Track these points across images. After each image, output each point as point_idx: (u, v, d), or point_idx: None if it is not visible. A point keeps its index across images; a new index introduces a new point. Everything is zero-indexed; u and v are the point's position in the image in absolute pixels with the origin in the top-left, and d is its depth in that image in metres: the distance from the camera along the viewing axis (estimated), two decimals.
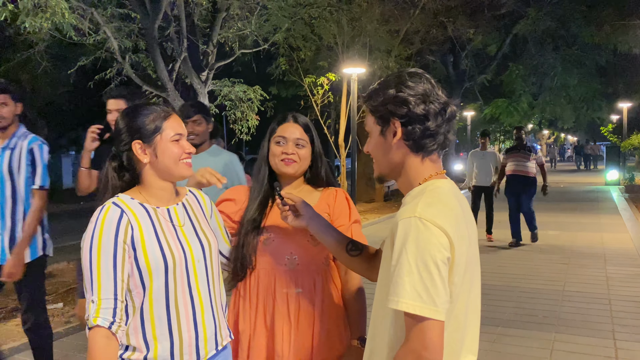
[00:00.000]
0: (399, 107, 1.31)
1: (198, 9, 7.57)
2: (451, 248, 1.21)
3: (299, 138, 1.85)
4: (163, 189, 1.61)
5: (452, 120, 1.35)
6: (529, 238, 8.24)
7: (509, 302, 5.26)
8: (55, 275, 7.22)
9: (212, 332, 1.61)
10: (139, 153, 1.55)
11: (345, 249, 1.64)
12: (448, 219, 1.23)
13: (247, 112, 9.03)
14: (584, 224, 10.26)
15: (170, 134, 1.58)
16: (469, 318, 1.33)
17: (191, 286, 1.57)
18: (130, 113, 1.59)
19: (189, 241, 1.59)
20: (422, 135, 1.31)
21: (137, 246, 1.49)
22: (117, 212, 1.49)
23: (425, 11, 13.76)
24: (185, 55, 7.06)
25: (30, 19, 5.62)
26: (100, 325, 1.41)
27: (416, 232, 1.19)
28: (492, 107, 21.57)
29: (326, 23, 10.57)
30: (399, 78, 1.34)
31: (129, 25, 7.39)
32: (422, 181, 1.35)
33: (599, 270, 6.53)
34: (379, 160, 1.42)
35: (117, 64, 7.49)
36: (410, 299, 1.16)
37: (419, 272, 1.17)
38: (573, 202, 14.39)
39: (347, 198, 1.95)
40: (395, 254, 1.21)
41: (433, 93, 1.33)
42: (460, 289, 1.26)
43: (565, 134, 49.85)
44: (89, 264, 1.44)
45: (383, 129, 1.36)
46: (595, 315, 4.86)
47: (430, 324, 1.16)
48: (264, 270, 1.81)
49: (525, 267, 6.79)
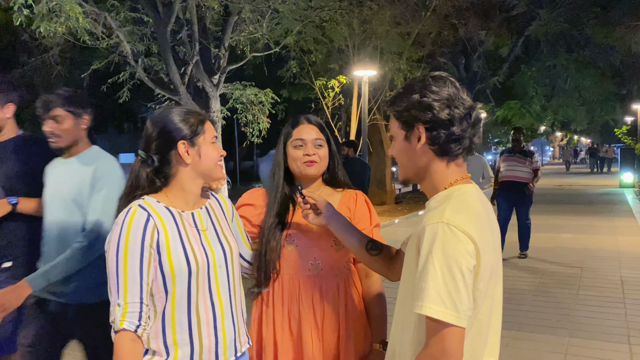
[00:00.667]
0: (423, 112, 1.30)
1: (210, 12, 7.62)
2: (477, 255, 1.21)
3: (316, 138, 1.85)
4: (193, 192, 1.61)
5: (477, 124, 1.34)
6: (516, 252, 7.51)
7: (522, 306, 5.21)
8: None
9: (231, 338, 1.61)
10: (183, 153, 1.55)
11: (365, 248, 1.64)
12: (475, 226, 1.23)
13: (259, 115, 9.06)
14: (598, 226, 10.15)
15: (210, 136, 1.60)
16: (492, 322, 1.33)
17: (212, 291, 1.57)
18: (169, 115, 1.58)
19: (211, 246, 1.59)
20: (447, 140, 1.30)
21: (162, 250, 1.48)
22: (144, 215, 1.49)
23: (437, 13, 13.72)
24: (197, 59, 7.11)
25: (45, 24, 5.69)
26: (126, 329, 1.41)
27: (443, 237, 1.19)
28: (504, 109, 21.42)
29: (337, 26, 10.58)
30: (423, 82, 1.33)
31: (141, 29, 7.45)
32: (448, 186, 1.35)
33: (613, 273, 6.45)
34: (403, 165, 1.41)
35: (130, 68, 7.55)
36: (434, 303, 1.16)
37: (444, 278, 1.17)
38: (587, 204, 14.24)
39: (367, 201, 1.95)
40: (422, 259, 1.21)
41: (458, 97, 1.31)
42: (485, 294, 1.26)
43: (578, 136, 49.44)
44: (115, 267, 1.44)
45: (407, 134, 1.35)
46: (610, 320, 4.80)
47: (451, 331, 1.16)
48: (287, 275, 1.81)
49: (537, 270, 6.72)
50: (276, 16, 8.09)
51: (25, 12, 5.40)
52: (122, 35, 6.68)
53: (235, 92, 8.88)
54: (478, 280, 1.22)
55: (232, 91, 8.86)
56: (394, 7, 12.10)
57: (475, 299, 1.22)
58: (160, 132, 1.56)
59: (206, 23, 7.72)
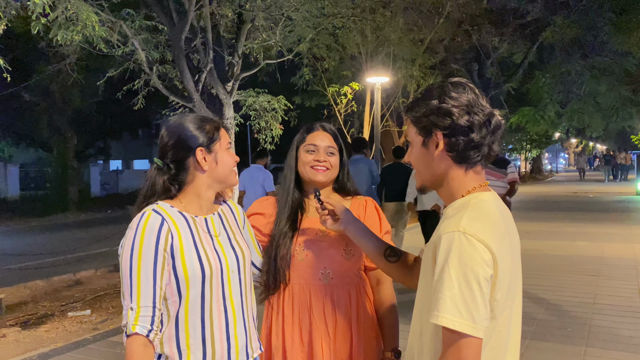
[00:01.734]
0: (441, 118, 1.28)
1: (224, 20, 7.67)
2: (494, 264, 1.19)
3: (329, 146, 1.85)
4: (208, 198, 1.62)
5: (497, 131, 1.31)
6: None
7: (537, 314, 5.15)
8: (83, 283, 7.35)
9: (243, 344, 1.61)
10: (201, 160, 1.56)
11: (383, 255, 1.63)
12: (492, 235, 1.21)
13: (271, 122, 9.09)
14: (614, 234, 10.01)
15: (225, 142, 1.62)
16: (511, 334, 1.30)
17: (225, 297, 1.57)
18: (185, 123, 1.59)
19: (224, 251, 1.59)
20: (465, 146, 1.28)
21: (176, 255, 1.49)
22: (158, 219, 1.49)
23: (450, 20, 13.70)
24: (211, 66, 7.15)
25: (63, 32, 5.77)
26: (138, 333, 1.40)
27: (459, 246, 1.17)
28: (518, 115, 21.26)
29: (350, 33, 10.61)
30: (442, 88, 1.31)
31: (156, 37, 7.53)
32: (465, 193, 1.32)
33: (630, 282, 6.35)
34: (421, 171, 1.39)
35: (145, 75, 7.63)
36: (450, 314, 1.14)
37: (460, 288, 1.15)
38: (603, 212, 14.07)
39: (377, 208, 1.94)
40: (438, 268, 1.19)
41: (477, 103, 1.29)
42: (504, 305, 1.24)
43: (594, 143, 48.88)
44: (129, 271, 1.44)
45: (425, 140, 1.33)
46: (628, 329, 4.72)
47: (468, 341, 1.14)
48: (298, 285, 1.80)
49: (553, 278, 6.64)
50: (289, 24, 8.13)
51: (43, 21, 5.49)
52: (137, 43, 6.75)
53: (249, 99, 8.92)
54: (495, 290, 1.19)
55: (246, 98, 8.90)
56: (407, 14, 12.11)
57: (493, 309, 1.20)
58: (177, 140, 1.57)
59: (220, 31, 7.77)
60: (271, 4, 7.48)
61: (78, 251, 9.30)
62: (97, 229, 13.37)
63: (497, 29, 16.66)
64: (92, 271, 7.75)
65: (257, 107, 8.99)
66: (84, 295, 6.53)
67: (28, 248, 10.63)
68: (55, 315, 5.69)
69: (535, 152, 33.53)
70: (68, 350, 4.47)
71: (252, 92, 9.06)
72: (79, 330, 5.14)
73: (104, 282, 7.21)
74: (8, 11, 5.37)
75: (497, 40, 17.46)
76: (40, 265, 8.09)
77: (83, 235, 12.65)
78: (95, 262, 8.44)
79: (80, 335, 4.89)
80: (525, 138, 27.55)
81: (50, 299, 6.48)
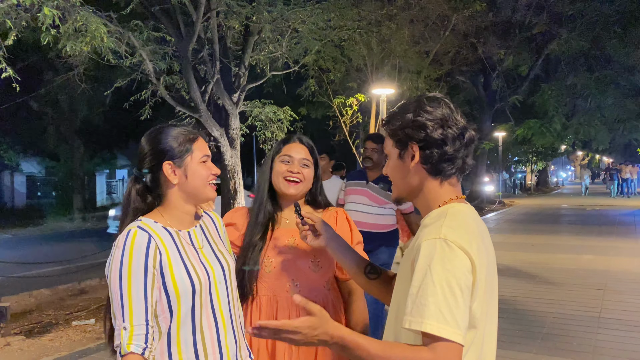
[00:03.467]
0: (416, 131, 1.32)
1: (230, 32, 7.75)
2: (473, 271, 1.20)
3: (304, 158, 1.85)
4: (187, 212, 1.61)
5: (470, 145, 1.36)
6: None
7: (541, 328, 5.11)
8: (87, 292, 7.36)
9: (233, 353, 1.61)
10: (169, 174, 1.55)
11: (363, 272, 1.63)
12: (471, 243, 1.23)
13: (277, 133, 9.13)
14: (620, 248, 9.94)
15: (199, 156, 1.59)
16: (485, 341, 1.30)
17: (214, 308, 1.57)
18: (159, 134, 1.58)
19: (210, 263, 1.59)
20: (439, 159, 1.32)
21: (165, 271, 1.48)
22: (145, 236, 1.48)
23: (455, 32, 13.76)
24: (218, 77, 7.21)
25: (72, 43, 5.84)
26: (134, 352, 1.40)
27: (441, 253, 1.19)
28: (524, 127, 21.26)
29: (356, 45, 10.66)
30: (418, 103, 1.35)
31: (163, 48, 7.60)
32: (442, 204, 1.35)
33: (637, 296, 6.30)
34: (397, 183, 1.42)
35: (152, 86, 7.69)
36: (435, 320, 1.14)
37: (444, 294, 1.15)
38: (609, 225, 13.98)
39: (348, 219, 1.94)
40: (419, 275, 1.19)
41: (451, 118, 1.33)
42: (480, 315, 1.24)
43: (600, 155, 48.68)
44: (119, 290, 1.43)
45: (401, 153, 1.37)
46: (634, 344, 4.67)
47: (450, 347, 1.14)
48: (266, 297, 1.80)
49: (558, 292, 6.60)
50: (295, 36, 8.19)
51: (53, 32, 5.55)
52: (144, 54, 6.81)
53: (255, 110, 8.97)
54: (472, 298, 1.21)
55: (252, 109, 8.95)
56: (413, 27, 12.17)
57: (470, 318, 1.20)
58: (149, 151, 1.56)
59: (227, 42, 7.84)
60: (278, 16, 7.55)
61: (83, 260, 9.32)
62: (103, 238, 13.41)
63: (502, 41, 16.72)
64: (97, 280, 7.77)
65: (263, 118, 9.03)
66: (88, 305, 6.54)
67: (33, 256, 10.67)
68: (60, 324, 5.70)
69: (541, 164, 33.44)
70: (72, 359, 4.48)
71: (258, 102, 9.12)
72: (83, 339, 5.14)
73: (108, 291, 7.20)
74: (18, 22, 5.44)
75: (502, 52, 17.51)
76: (45, 274, 8.11)
77: (88, 244, 12.68)
78: (100, 271, 8.43)
79: (84, 345, 4.89)
80: (531, 150, 27.47)
81: (54, 308, 6.49)
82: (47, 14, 5.06)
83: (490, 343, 1.34)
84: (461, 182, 1.43)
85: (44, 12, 5.06)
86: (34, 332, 5.40)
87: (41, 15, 5.14)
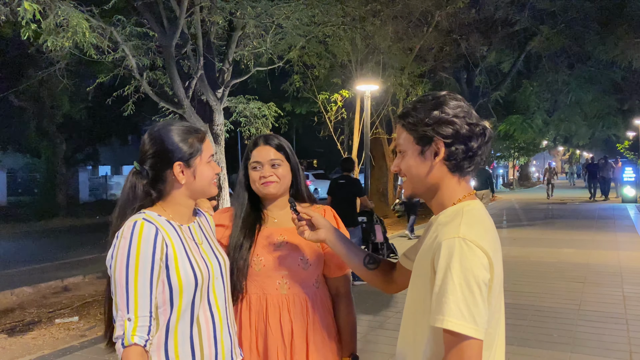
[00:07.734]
0: (445, 127, 1.32)
1: (214, 27, 7.70)
2: (491, 269, 1.24)
3: (272, 159, 1.85)
4: (188, 207, 1.63)
5: (489, 142, 1.37)
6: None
7: (523, 321, 5.20)
8: (71, 289, 7.31)
9: (228, 349, 1.63)
10: (178, 174, 1.55)
11: (362, 263, 1.65)
12: (488, 241, 1.26)
13: (262, 129, 9.11)
14: (599, 241, 10.13)
15: (207, 156, 1.60)
16: (497, 335, 1.35)
17: (211, 303, 1.59)
18: (169, 132, 1.57)
19: (209, 258, 1.61)
20: (464, 156, 1.33)
21: (170, 264, 1.49)
22: (153, 229, 1.48)
23: (439, 29, 13.84)
24: (202, 73, 7.16)
25: (52, 38, 5.76)
26: (137, 344, 1.40)
27: (460, 252, 1.22)
28: (506, 123, 21.50)
29: (340, 41, 10.67)
30: (440, 99, 1.35)
31: (146, 43, 7.52)
32: (456, 201, 1.37)
33: (615, 289, 6.44)
34: (414, 180, 1.41)
35: (135, 81, 7.62)
36: (454, 317, 1.18)
37: (462, 292, 1.19)
38: (588, 219, 14.23)
39: (336, 217, 1.96)
40: (440, 274, 1.23)
41: (472, 115, 1.35)
42: (494, 309, 1.28)
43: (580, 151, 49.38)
44: (124, 281, 1.42)
45: (424, 149, 1.36)
46: (612, 336, 4.79)
47: (471, 343, 1.18)
48: (255, 295, 1.82)
49: (539, 285, 6.71)
50: (280, 31, 8.17)
51: (33, 27, 5.47)
52: (127, 50, 6.75)
53: (239, 106, 8.94)
54: (490, 294, 1.25)
55: (236, 105, 8.92)
56: (397, 23, 12.22)
57: (490, 310, 1.25)
58: (157, 150, 1.56)
59: (211, 38, 7.79)
60: (262, 12, 7.52)
61: (66, 257, 9.23)
62: (86, 235, 13.28)
63: (485, 38, 16.86)
64: (80, 277, 7.70)
65: (248, 114, 9.01)
66: (71, 302, 6.49)
67: (15, 254, 10.53)
68: (43, 322, 5.65)
69: (523, 159, 33.88)
70: (55, 357, 4.45)
71: (242, 98, 9.09)
72: (66, 337, 5.11)
73: (91, 288, 7.16)
74: None
75: (485, 49, 17.66)
76: (27, 272, 8.02)
77: (71, 241, 12.55)
78: (84, 269, 8.38)
79: (68, 342, 4.87)
80: (514, 146, 27.79)
81: (37, 306, 6.44)
82: (27, 8, 4.99)
83: (502, 334, 1.38)
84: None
85: (24, 6, 4.99)
86: (16, 331, 5.35)
87: (21, 9, 5.06)
